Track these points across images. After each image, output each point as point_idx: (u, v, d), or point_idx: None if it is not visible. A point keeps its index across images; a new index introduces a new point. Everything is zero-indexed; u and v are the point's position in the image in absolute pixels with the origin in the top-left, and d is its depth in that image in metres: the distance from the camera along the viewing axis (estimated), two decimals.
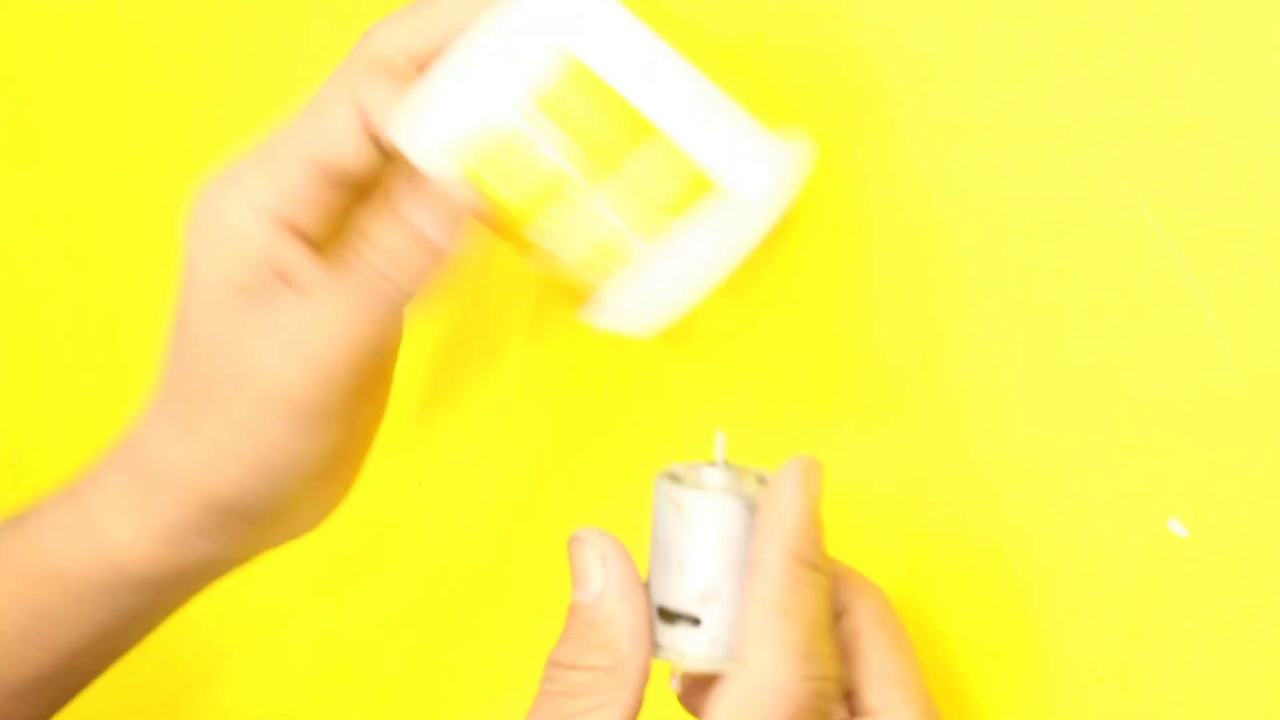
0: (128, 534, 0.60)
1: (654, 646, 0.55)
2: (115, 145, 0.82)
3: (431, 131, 0.56)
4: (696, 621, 0.55)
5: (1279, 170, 0.58)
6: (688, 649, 0.55)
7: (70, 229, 0.83)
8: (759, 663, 0.53)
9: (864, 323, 0.64)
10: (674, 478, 0.56)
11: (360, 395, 0.59)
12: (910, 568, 0.64)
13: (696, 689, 0.56)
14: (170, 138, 0.81)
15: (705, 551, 0.55)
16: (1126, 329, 0.61)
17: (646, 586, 0.56)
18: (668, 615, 0.55)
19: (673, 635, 0.55)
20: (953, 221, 0.63)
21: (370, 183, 0.60)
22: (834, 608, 0.57)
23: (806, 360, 0.66)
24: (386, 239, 0.57)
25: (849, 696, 0.57)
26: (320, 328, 0.57)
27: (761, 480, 0.56)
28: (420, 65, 0.58)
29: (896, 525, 0.65)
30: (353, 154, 0.58)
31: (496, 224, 0.56)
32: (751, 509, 0.55)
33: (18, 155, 0.85)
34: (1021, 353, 0.62)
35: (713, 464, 0.56)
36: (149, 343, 0.64)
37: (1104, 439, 0.61)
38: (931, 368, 0.64)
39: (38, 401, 0.84)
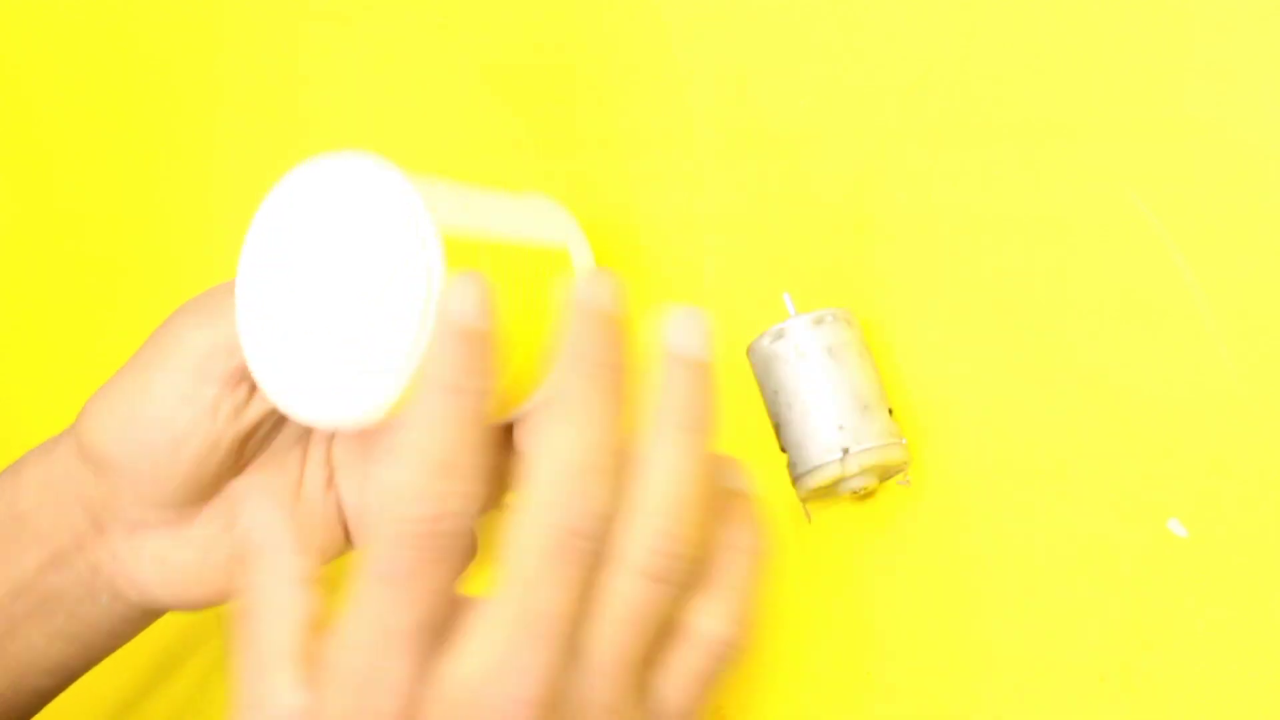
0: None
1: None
2: (115, 145, 0.82)
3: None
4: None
5: (1279, 170, 0.58)
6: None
7: (70, 229, 0.83)
8: None
9: (861, 322, 0.64)
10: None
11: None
12: (909, 567, 0.64)
13: None
14: (170, 138, 0.81)
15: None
16: (1126, 329, 0.61)
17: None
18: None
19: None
20: (952, 221, 0.63)
21: None
22: None
23: None
24: None
25: None
26: None
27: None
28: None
29: (896, 524, 0.65)
30: None
31: None
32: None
33: (18, 155, 0.85)
34: (1021, 352, 0.62)
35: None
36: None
37: (1104, 439, 0.61)
38: (930, 367, 0.64)
39: (38, 400, 0.84)
